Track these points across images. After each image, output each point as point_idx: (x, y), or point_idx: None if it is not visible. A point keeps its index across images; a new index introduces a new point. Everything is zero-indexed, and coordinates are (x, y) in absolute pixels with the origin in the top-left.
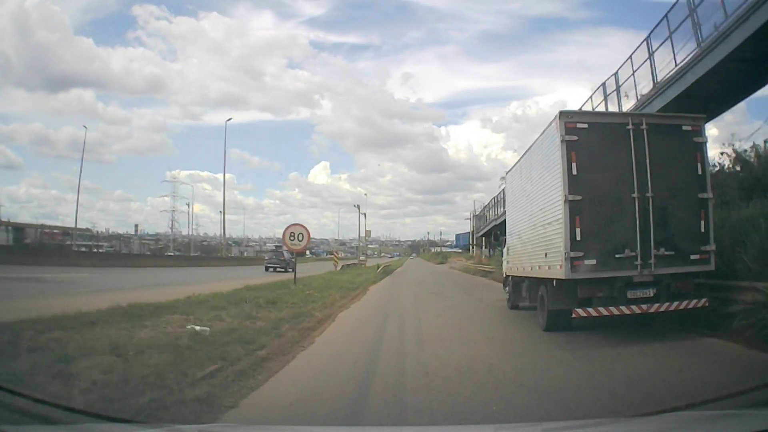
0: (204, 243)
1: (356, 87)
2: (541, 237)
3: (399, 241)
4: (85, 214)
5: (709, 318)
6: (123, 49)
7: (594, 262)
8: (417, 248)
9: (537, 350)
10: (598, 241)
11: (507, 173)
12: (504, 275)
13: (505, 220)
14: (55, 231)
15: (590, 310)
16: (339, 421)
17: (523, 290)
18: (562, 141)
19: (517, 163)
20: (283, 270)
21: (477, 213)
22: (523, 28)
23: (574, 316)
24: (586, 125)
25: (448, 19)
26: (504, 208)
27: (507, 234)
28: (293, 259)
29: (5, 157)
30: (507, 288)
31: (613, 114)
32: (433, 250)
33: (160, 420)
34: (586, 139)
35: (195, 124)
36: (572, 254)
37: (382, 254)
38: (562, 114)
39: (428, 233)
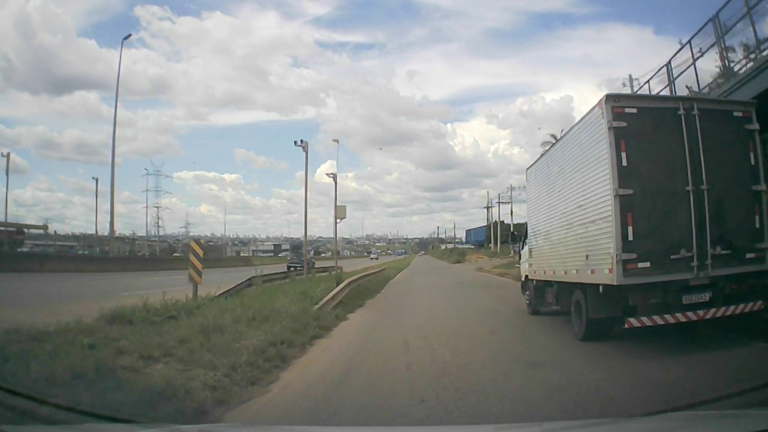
0: (211, 243)
1: (362, 85)
2: (579, 237)
3: (407, 238)
4: (90, 216)
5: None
6: (126, 51)
7: (648, 264)
8: (425, 245)
9: None
10: (651, 241)
11: (528, 169)
12: (522, 278)
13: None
14: (10, 229)
15: (644, 319)
16: None
17: (549, 295)
18: (609, 128)
19: (541, 157)
20: (302, 269)
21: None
22: (528, 24)
23: (626, 326)
24: (634, 110)
25: (453, 16)
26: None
27: (529, 234)
28: (312, 259)
29: (10, 160)
30: (527, 292)
31: (662, 98)
32: (443, 247)
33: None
34: (635, 125)
35: (201, 125)
36: (624, 256)
37: (388, 251)
38: (609, 97)
39: (438, 228)
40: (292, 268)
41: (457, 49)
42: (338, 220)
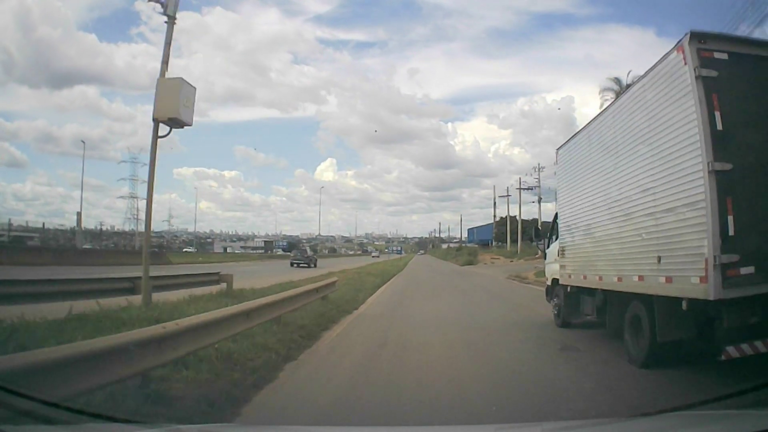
0: (205, 240)
1: (362, 83)
2: (645, 232)
3: (406, 237)
4: (92, 211)
5: None
6: (126, 45)
7: (752, 270)
8: (425, 244)
9: None
10: (757, 237)
11: (559, 149)
12: (548, 282)
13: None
14: None
15: (745, 347)
16: None
17: (587, 305)
18: (697, 77)
19: (580, 131)
20: (306, 266)
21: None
22: (530, 24)
23: (723, 358)
24: (725, 55)
25: (455, 15)
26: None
27: (561, 228)
28: (315, 256)
29: (10, 155)
30: (555, 299)
31: (757, 41)
32: (445, 246)
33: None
34: (728, 76)
35: (201, 121)
36: (725, 259)
37: (385, 250)
38: (694, 36)
39: (440, 224)
40: (295, 264)
41: (459, 48)
42: (169, 128)
